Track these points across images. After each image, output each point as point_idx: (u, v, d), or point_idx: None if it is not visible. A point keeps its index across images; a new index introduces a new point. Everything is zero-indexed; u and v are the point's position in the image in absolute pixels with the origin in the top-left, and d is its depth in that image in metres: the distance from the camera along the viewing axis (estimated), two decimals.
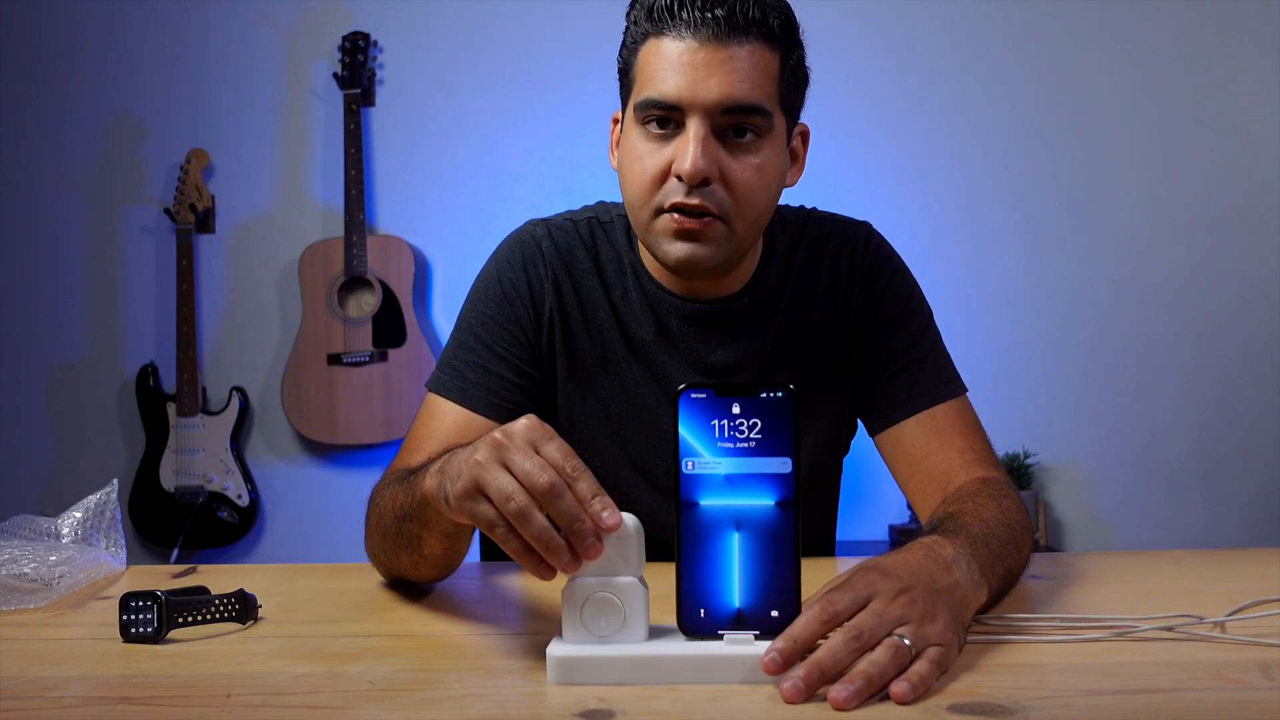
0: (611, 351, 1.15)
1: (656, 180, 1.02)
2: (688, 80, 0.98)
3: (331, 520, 2.75)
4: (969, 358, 2.83)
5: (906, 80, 2.69)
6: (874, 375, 1.16)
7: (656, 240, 1.04)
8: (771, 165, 1.03)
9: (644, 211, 1.04)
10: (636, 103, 1.02)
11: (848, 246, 1.18)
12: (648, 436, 1.15)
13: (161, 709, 0.67)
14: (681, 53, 0.99)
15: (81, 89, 2.85)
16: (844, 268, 1.17)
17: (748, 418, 0.69)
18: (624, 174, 1.06)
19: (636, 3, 1.04)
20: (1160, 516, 2.65)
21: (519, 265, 1.15)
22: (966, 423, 1.12)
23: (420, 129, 2.79)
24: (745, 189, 1.02)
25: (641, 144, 1.03)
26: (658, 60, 1.00)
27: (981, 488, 0.99)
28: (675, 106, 0.99)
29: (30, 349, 2.86)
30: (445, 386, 1.11)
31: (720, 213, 1.01)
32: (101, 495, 1.09)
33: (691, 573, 0.69)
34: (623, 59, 1.07)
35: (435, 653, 0.78)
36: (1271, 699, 0.64)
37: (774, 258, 1.16)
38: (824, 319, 1.16)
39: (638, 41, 1.03)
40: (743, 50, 0.99)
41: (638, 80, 1.03)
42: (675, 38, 0.99)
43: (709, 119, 0.99)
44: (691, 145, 0.98)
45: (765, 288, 1.15)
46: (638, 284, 1.14)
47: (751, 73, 0.99)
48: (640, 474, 1.15)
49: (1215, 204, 2.66)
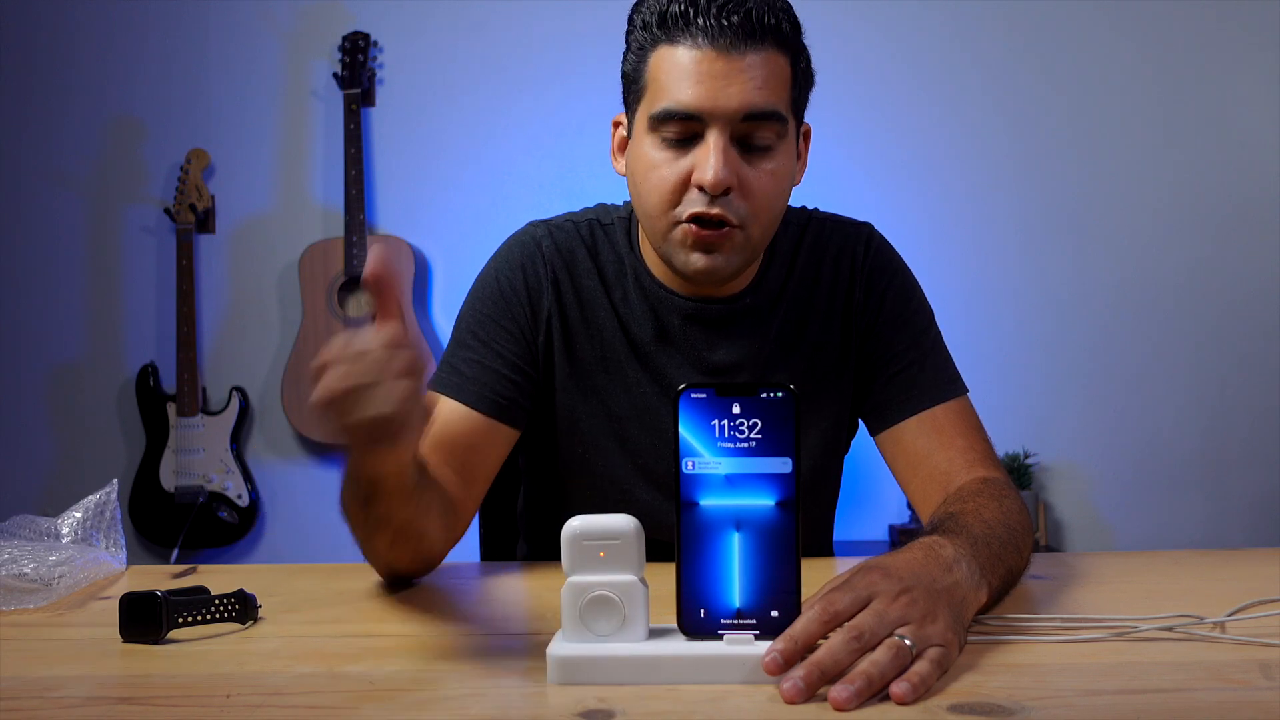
0: (612, 351, 1.15)
1: (677, 191, 1.01)
2: (707, 90, 0.97)
3: (331, 520, 2.72)
4: (969, 358, 2.83)
5: (909, 81, 2.69)
6: (875, 375, 1.16)
7: (674, 251, 1.04)
8: (785, 170, 1.04)
9: (662, 222, 1.03)
10: (653, 113, 1.01)
11: (849, 247, 1.18)
12: (648, 436, 1.15)
13: (161, 709, 0.67)
14: (698, 61, 0.98)
15: (81, 89, 2.85)
16: (845, 268, 1.17)
17: (748, 418, 0.69)
18: (639, 183, 1.05)
19: (643, 7, 1.03)
20: (1160, 516, 2.65)
21: (517, 264, 1.15)
22: (967, 423, 1.12)
23: (420, 129, 2.79)
24: (763, 197, 1.02)
25: (657, 153, 1.02)
26: (673, 69, 0.99)
27: (983, 488, 0.99)
28: (695, 116, 0.99)
29: (30, 349, 2.86)
30: (442, 383, 1.11)
31: (739, 221, 1.01)
32: (101, 495, 1.09)
33: (691, 573, 0.69)
34: (630, 65, 1.05)
35: (435, 653, 0.78)
36: (1271, 699, 0.64)
37: (776, 258, 1.16)
38: (825, 319, 1.16)
39: (646, 48, 1.02)
40: (759, 57, 0.98)
41: (650, 88, 1.02)
42: (690, 45, 0.98)
43: (729, 128, 0.99)
44: (713, 156, 0.98)
45: (767, 288, 1.15)
46: (638, 285, 1.14)
47: (768, 80, 0.99)
48: (641, 473, 1.16)
49: (1216, 204, 2.66)
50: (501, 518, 1.39)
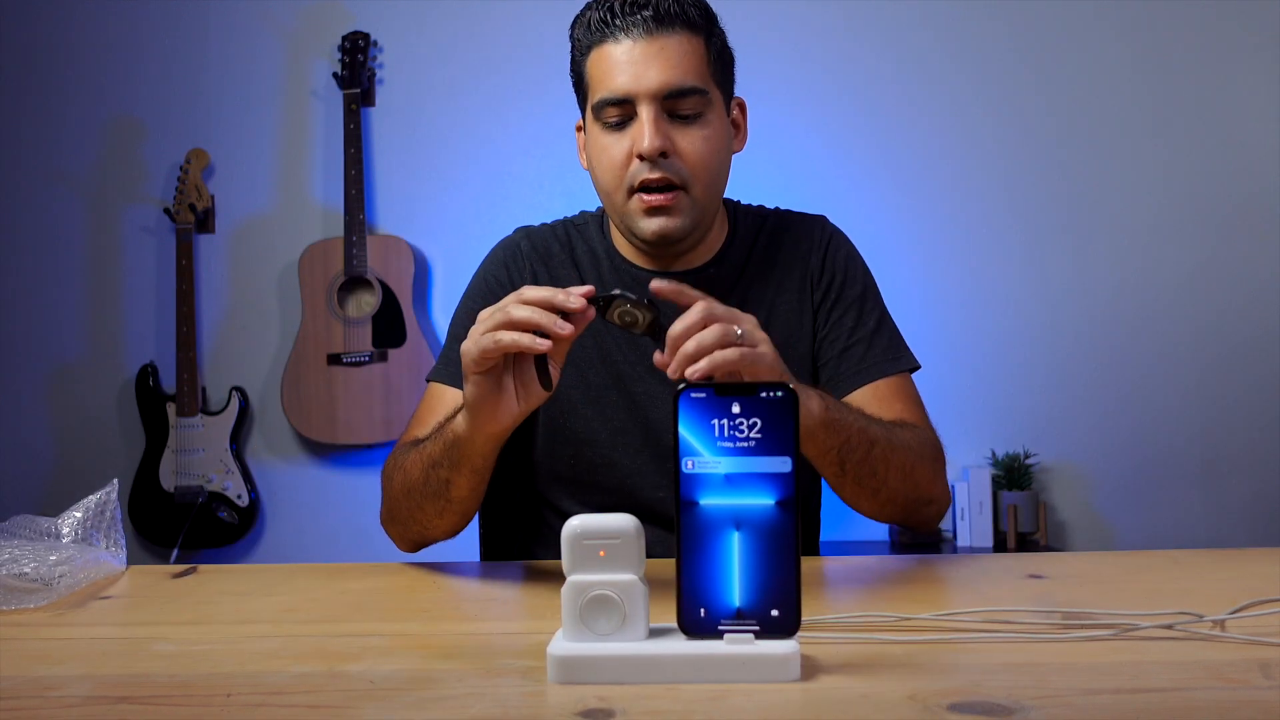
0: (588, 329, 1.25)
1: (623, 165, 1.16)
2: (631, 75, 1.14)
3: (331, 520, 2.75)
4: (969, 358, 2.83)
5: (907, 83, 2.69)
6: (829, 350, 1.27)
7: (633, 221, 1.19)
8: (717, 135, 1.18)
9: (617, 195, 1.18)
10: (594, 104, 1.18)
11: (807, 229, 1.32)
12: (624, 401, 1.26)
13: (161, 709, 0.67)
14: (621, 53, 1.15)
15: (81, 89, 2.85)
16: (805, 246, 1.30)
17: (747, 417, 0.69)
18: (595, 167, 1.21)
19: (576, 22, 1.20)
20: (1160, 516, 2.65)
21: (501, 264, 1.32)
22: (907, 394, 1.25)
23: (420, 129, 2.79)
24: (698, 157, 1.16)
25: (604, 138, 1.18)
26: (604, 63, 1.16)
27: (896, 421, 1.16)
28: (626, 99, 1.15)
29: (30, 349, 2.86)
30: (440, 374, 1.26)
31: (681, 182, 1.16)
32: (101, 495, 1.09)
33: (691, 572, 0.69)
34: (574, 72, 1.23)
35: (435, 653, 0.78)
36: (1271, 698, 0.64)
37: (738, 237, 1.30)
38: (784, 289, 1.29)
39: (584, 53, 1.19)
40: (671, 40, 1.15)
41: (591, 85, 1.19)
42: (613, 42, 1.15)
43: (655, 103, 1.14)
44: (646, 127, 1.14)
45: (730, 261, 1.29)
46: (613, 267, 1.29)
47: (682, 59, 1.15)
48: (617, 435, 1.26)
49: (1216, 205, 2.66)
50: (502, 518, 1.40)
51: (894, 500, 1.13)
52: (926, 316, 2.58)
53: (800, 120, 2.65)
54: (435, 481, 1.06)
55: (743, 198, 1.37)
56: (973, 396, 2.66)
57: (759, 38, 2.62)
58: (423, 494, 1.08)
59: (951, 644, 0.76)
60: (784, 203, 1.38)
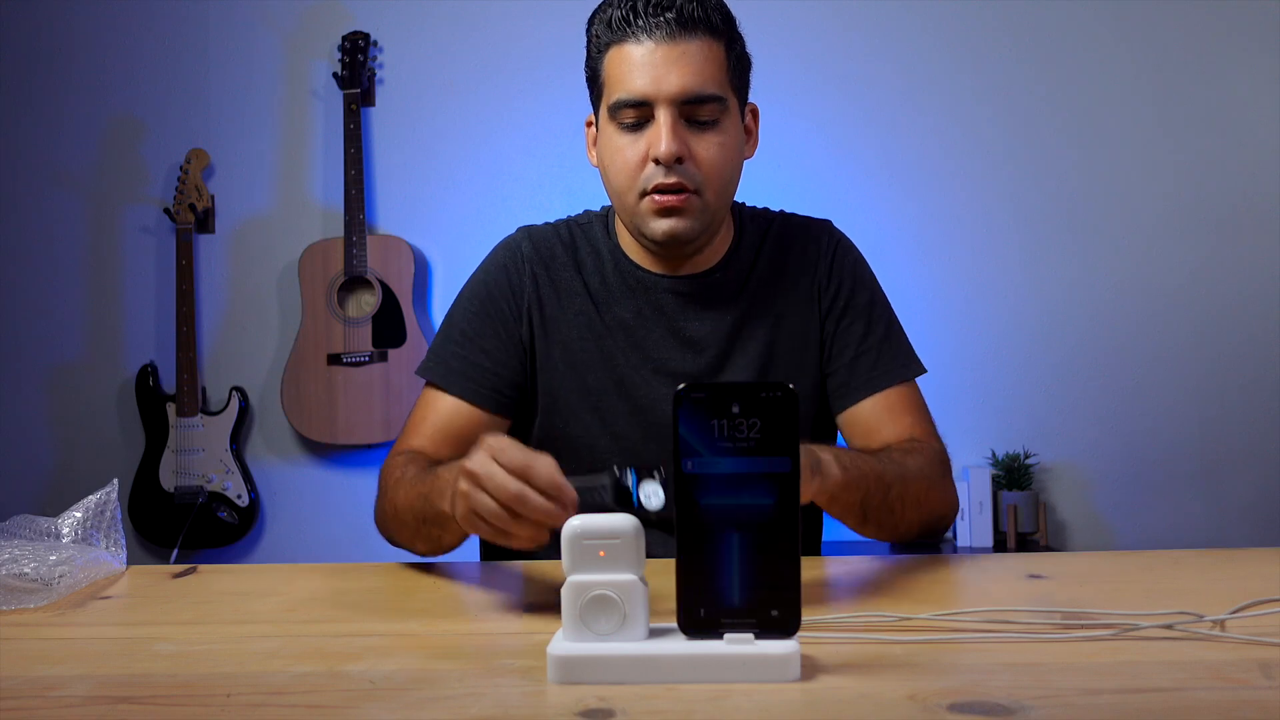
0: (590, 332, 1.26)
1: (637, 167, 1.15)
2: (651, 77, 1.13)
3: (331, 520, 2.75)
4: (969, 358, 2.83)
5: (907, 83, 2.69)
6: (838, 358, 1.27)
7: (643, 221, 1.17)
8: (731, 141, 1.18)
9: (629, 197, 1.17)
10: (610, 104, 1.16)
11: (814, 235, 1.31)
12: (625, 406, 1.25)
13: (161, 709, 0.67)
14: (643, 54, 1.13)
15: (81, 89, 2.85)
16: (811, 252, 1.29)
17: (747, 417, 0.69)
18: (606, 167, 1.19)
19: (596, 17, 1.19)
20: (1160, 516, 2.65)
21: (500, 265, 1.29)
22: (914, 403, 1.25)
23: (420, 129, 2.79)
24: (712, 164, 1.16)
25: (619, 138, 1.16)
26: (623, 64, 1.14)
27: (905, 445, 1.17)
28: (644, 102, 1.13)
29: (30, 349, 2.86)
30: (432, 373, 1.25)
31: (694, 186, 1.15)
32: (101, 495, 1.09)
33: (691, 572, 0.69)
34: (590, 68, 1.21)
35: (435, 653, 0.78)
36: (1271, 698, 0.64)
37: (744, 241, 1.29)
38: (792, 294, 1.27)
39: (602, 51, 1.18)
40: (693, 45, 1.13)
41: (607, 84, 1.17)
42: (634, 43, 1.14)
43: (674, 108, 1.13)
44: (664, 131, 1.12)
45: (737, 265, 1.27)
46: (617, 268, 1.27)
47: (704, 64, 1.13)
48: (617, 441, 1.25)
49: (1216, 205, 2.66)
50: None
51: (911, 529, 1.15)
52: (927, 317, 2.57)
53: (801, 121, 2.65)
54: (426, 534, 1.07)
55: (746, 199, 1.36)
56: (973, 396, 2.66)
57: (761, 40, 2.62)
58: (413, 534, 1.10)
59: (951, 644, 0.76)
60: (786, 204, 1.38)
